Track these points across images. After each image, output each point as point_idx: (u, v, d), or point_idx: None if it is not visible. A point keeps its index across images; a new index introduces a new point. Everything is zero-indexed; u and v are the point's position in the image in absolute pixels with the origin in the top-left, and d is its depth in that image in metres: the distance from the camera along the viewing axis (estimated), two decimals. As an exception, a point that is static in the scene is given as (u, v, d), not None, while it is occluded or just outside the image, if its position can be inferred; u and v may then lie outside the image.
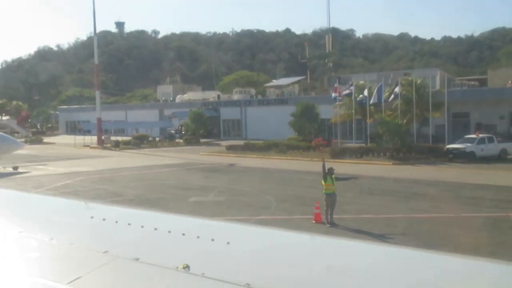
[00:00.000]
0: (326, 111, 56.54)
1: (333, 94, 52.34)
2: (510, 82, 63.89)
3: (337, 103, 52.48)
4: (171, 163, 46.61)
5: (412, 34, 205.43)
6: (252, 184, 33.05)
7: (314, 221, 20.62)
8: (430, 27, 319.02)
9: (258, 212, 23.31)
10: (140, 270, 2.78)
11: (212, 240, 3.10)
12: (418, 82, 50.01)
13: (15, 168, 42.47)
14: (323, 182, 21.81)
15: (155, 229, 3.34)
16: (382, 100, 49.17)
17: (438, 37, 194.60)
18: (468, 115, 57.65)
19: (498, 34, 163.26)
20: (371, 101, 50.28)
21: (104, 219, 3.62)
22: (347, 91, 52.39)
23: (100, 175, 38.88)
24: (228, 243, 3.05)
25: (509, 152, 43.03)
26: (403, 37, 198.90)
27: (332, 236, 2.78)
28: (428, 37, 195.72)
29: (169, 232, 3.29)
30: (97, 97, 75.76)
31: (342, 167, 40.35)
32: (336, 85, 53.85)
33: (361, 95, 51.04)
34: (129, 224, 3.49)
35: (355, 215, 23.17)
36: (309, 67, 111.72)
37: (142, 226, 3.41)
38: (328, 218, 20.48)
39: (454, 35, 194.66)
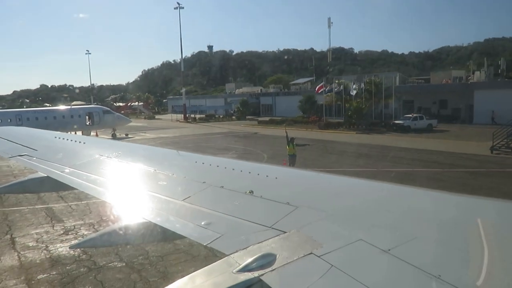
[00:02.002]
0: (321, 99, 53.39)
1: (321, 90, 49.06)
2: (444, 81, 59.25)
3: (324, 94, 49.25)
4: (220, 131, 45.49)
5: (390, 50, 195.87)
6: (260, 146, 31.58)
7: (281, 172, 18.93)
8: (401, 45, 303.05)
9: (252, 164, 21.71)
10: (224, 193, 2.79)
11: (266, 176, 3.07)
12: (378, 80, 46.40)
13: (126, 134, 42.41)
14: (287, 147, 20.20)
15: (233, 169, 3.33)
16: (353, 92, 45.59)
17: (406, 51, 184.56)
18: (412, 102, 53.61)
19: (444, 50, 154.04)
20: (351, 92, 46.72)
21: (202, 163, 3.72)
22: (335, 87, 49.25)
23: (172, 139, 38.14)
24: (276, 178, 3.05)
25: (434, 126, 39.65)
26: (384, 52, 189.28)
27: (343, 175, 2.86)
28: (400, 52, 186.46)
29: (241, 171, 3.30)
30: (183, 91, 75.26)
31: (324, 134, 38.11)
32: (322, 83, 50.29)
33: (338, 88, 47.83)
34: (217, 166, 3.47)
35: (312, 168, 21.32)
36: (318, 72, 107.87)
37: (225, 168, 3.38)
38: (290, 170, 18.86)
39: (416, 50, 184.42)
